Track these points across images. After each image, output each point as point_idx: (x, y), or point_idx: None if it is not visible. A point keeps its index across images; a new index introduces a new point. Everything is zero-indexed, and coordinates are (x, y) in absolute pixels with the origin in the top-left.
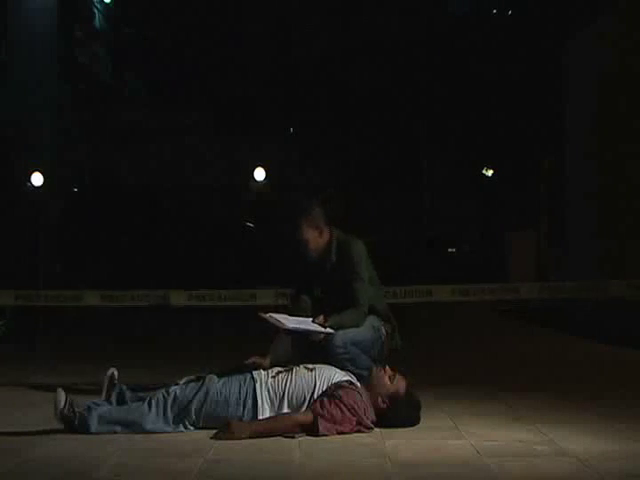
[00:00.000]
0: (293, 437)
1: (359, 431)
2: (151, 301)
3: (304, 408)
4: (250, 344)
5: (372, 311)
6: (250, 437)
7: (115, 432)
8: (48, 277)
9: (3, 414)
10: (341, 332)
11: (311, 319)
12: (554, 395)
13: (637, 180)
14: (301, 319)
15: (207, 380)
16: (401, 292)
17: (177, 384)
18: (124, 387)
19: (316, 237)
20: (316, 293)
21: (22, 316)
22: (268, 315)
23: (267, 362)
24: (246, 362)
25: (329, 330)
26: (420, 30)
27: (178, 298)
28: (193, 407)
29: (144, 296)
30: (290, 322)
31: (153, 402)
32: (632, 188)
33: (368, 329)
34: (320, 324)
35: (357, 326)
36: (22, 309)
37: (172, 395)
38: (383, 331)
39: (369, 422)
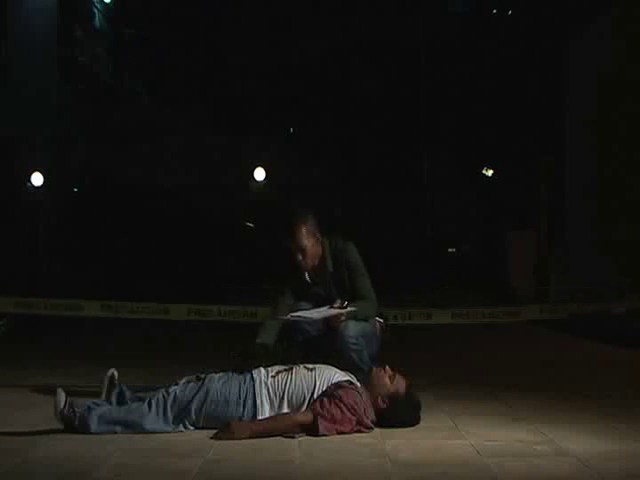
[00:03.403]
0: (293, 437)
1: (359, 431)
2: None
3: (304, 408)
4: (249, 344)
5: None
6: (250, 437)
7: (115, 432)
8: (48, 277)
9: (3, 414)
10: (353, 323)
11: (328, 306)
12: (554, 395)
13: (637, 180)
14: (317, 310)
15: (207, 380)
16: (402, 316)
17: (177, 384)
18: (124, 387)
19: (313, 245)
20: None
21: (22, 316)
22: (289, 316)
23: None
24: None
25: (349, 309)
26: (420, 30)
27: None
28: (193, 407)
29: (144, 308)
30: (311, 314)
31: (153, 402)
32: (632, 188)
33: (370, 323)
34: (339, 307)
35: (369, 317)
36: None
37: (172, 395)
38: (378, 325)
39: (369, 422)
